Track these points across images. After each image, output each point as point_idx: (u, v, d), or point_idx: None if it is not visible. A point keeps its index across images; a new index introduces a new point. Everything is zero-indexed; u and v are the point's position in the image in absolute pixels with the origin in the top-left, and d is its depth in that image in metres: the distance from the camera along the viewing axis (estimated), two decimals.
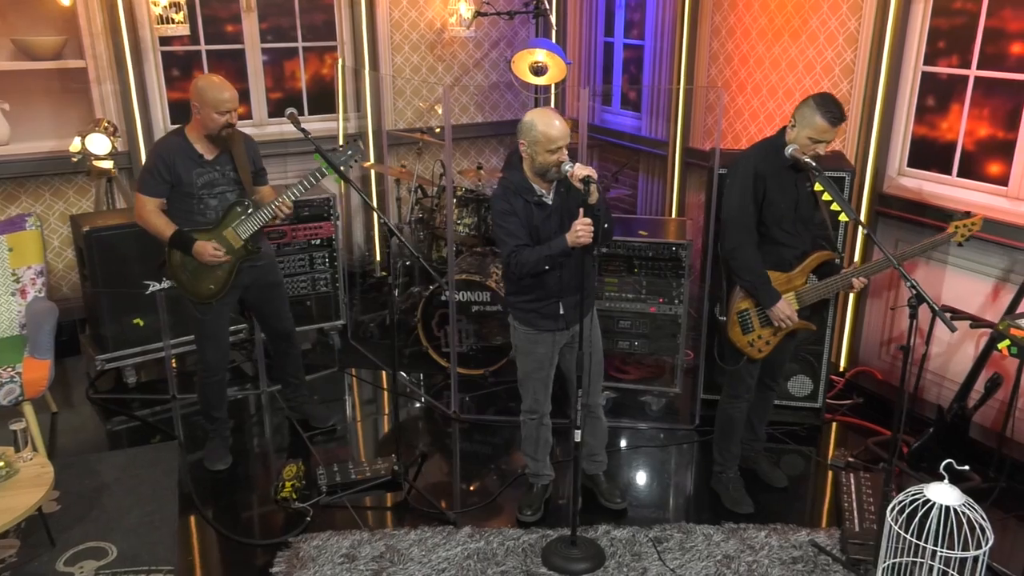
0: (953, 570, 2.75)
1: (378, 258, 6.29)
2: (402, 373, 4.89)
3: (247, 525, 3.60)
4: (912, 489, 2.71)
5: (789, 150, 3.13)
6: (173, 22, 4.91)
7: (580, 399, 3.16)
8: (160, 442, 4.20)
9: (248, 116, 5.78)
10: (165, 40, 5.38)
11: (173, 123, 5.58)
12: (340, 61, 5.94)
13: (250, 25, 5.65)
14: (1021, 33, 3.73)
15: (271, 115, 5.86)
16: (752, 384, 3.54)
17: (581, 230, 2.96)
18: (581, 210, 3.00)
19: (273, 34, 5.76)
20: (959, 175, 4.05)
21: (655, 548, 3.32)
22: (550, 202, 3.20)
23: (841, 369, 4.64)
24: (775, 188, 3.24)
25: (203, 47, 5.55)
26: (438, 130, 5.71)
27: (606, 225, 3.07)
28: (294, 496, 3.66)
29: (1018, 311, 3.59)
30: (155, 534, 3.43)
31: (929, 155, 4.18)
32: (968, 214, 3.37)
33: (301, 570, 3.20)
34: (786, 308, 3.30)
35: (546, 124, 3.07)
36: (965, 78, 3.96)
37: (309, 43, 5.91)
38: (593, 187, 2.94)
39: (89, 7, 5.10)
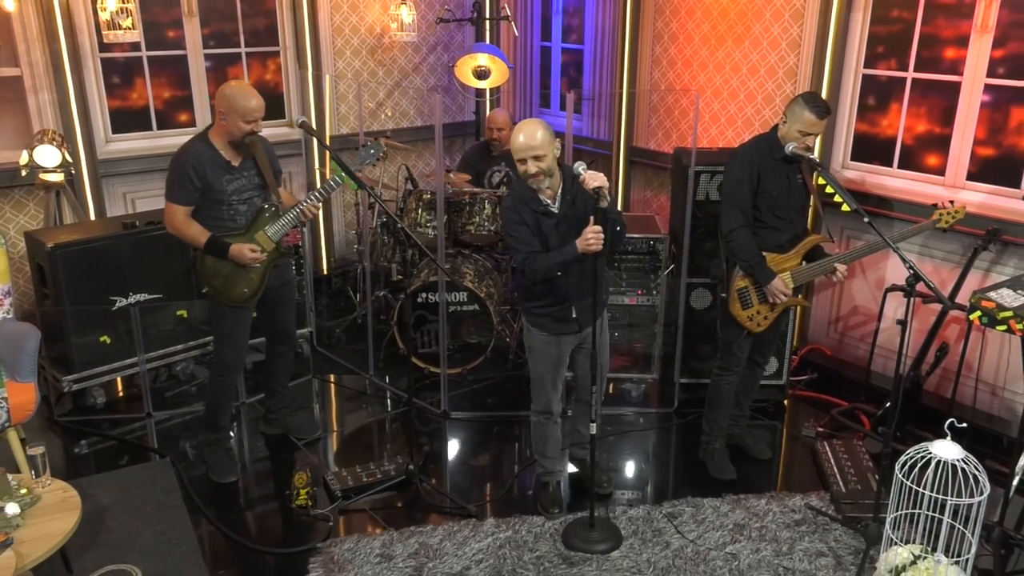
0: (948, 518, 3.09)
1: (324, 262, 6.26)
2: (384, 377, 4.93)
3: (267, 535, 3.57)
4: (917, 446, 3.04)
5: (790, 148, 3.42)
6: (121, 28, 4.73)
7: (594, 395, 3.38)
8: (140, 461, 4.08)
9: (192, 123, 5.62)
10: (105, 46, 5.17)
11: (115, 132, 5.38)
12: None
13: (192, 31, 5.50)
14: (953, 39, 4.19)
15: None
16: (743, 359, 3.83)
17: (592, 237, 3.09)
18: (592, 217, 3.15)
19: (215, 39, 5.63)
20: (900, 167, 4.50)
21: (671, 523, 3.55)
22: (556, 211, 3.31)
23: (793, 347, 5.03)
24: (769, 179, 3.55)
25: (144, 53, 5.36)
26: (389, 135, 5.77)
27: (618, 228, 3.23)
28: (310, 503, 3.67)
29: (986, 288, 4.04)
30: (176, 552, 3.36)
31: (871, 149, 4.61)
32: (952, 203, 3.77)
33: (341, 573, 3.23)
34: (781, 285, 3.59)
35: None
36: (903, 80, 4.40)
37: (252, 48, 5.81)
38: (604, 194, 3.09)
39: (24, 11, 4.84)
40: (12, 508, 2.85)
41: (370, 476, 3.83)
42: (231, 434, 4.03)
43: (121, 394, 4.68)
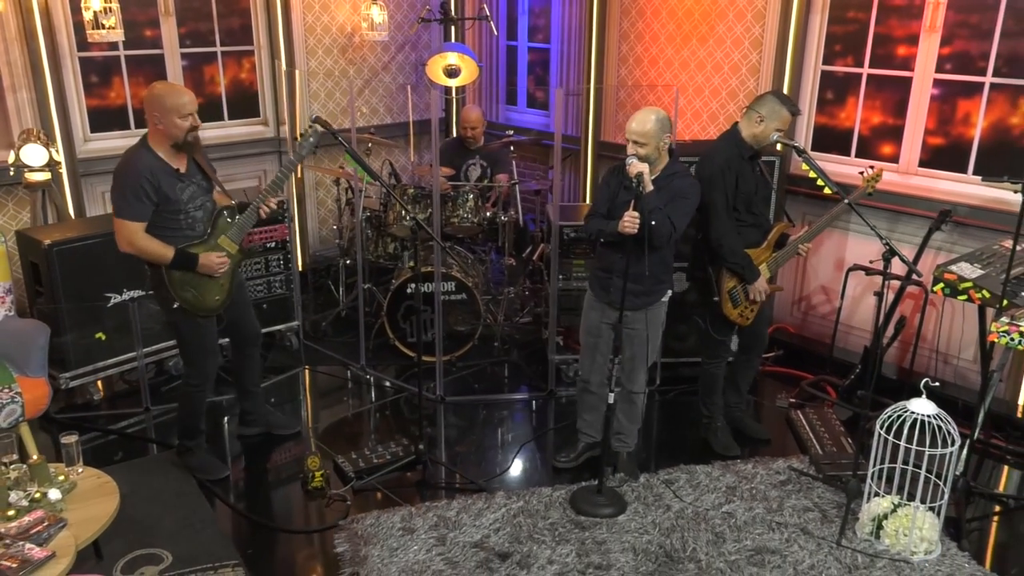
0: (924, 469, 3.42)
1: (300, 259, 6.35)
2: (376, 369, 5.07)
3: (287, 517, 3.70)
4: (896, 405, 3.37)
5: (775, 137, 3.70)
6: (105, 27, 4.76)
7: (616, 366, 3.61)
8: (135, 456, 4.17)
9: None
10: (83, 46, 5.18)
11: (93, 131, 5.38)
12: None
13: (169, 30, 5.54)
14: (905, 38, 4.57)
15: None
16: (729, 346, 4.12)
17: (628, 220, 3.38)
18: (632, 202, 3.43)
19: (192, 39, 5.68)
20: (857, 155, 4.87)
21: (669, 488, 3.81)
22: (635, 189, 3.46)
23: None
24: (743, 178, 3.81)
25: (122, 52, 5.39)
26: (373, 131, 5.91)
27: (653, 223, 3.40)
28: (326, 484, 3.81)
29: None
30: (202, 535, 3.47)
31: (830, 140, 4.97)
32: (872, 168, 4.07)
33: (367, 546, 3.38)
34: (763, 281, 3.88)
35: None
36: (859, 75, 4.77)
37: (227, 47, 5.87)
38: (644, 183, 3.38)
39: (2, 11, 4.83)
40: (54, 494, 2.94)
41: (380, 458, 3.99)
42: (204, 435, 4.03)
43: (102, 392, 4.69)
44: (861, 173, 4.07)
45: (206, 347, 3.78)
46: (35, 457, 3.03)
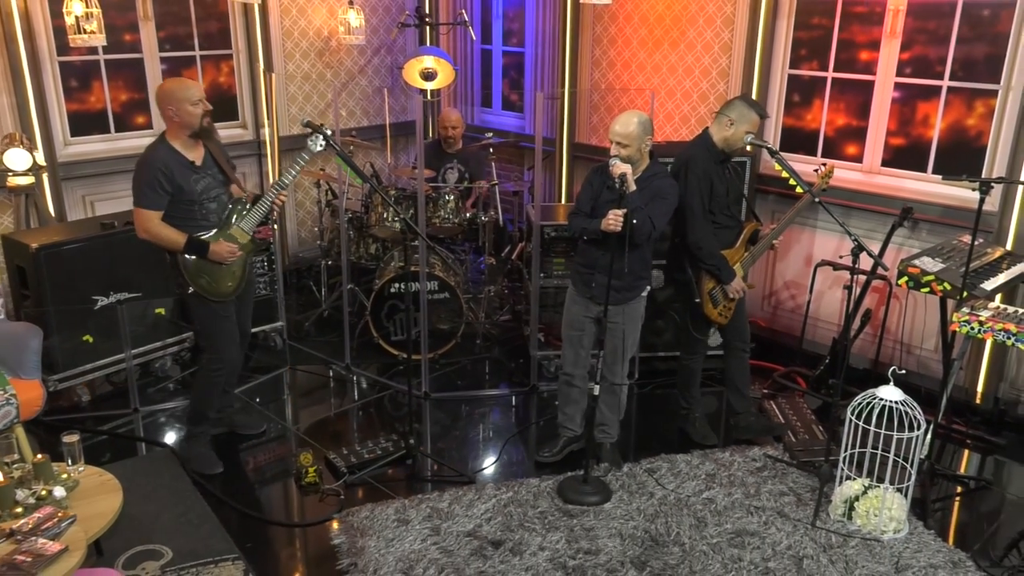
0: (892, 452, 3.62)
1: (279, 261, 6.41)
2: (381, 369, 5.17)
3: (283, 512, 3.80)
4: (865, 392, 3.56)
5: (748, 139, 3.87)
6: (86, 32, 4.79)
7: (600, 369, 3.78)
8: (122, 456, 4.23)
9: (149, 126, 5.69)
10: (63, 50, 5.20)
11: (73, 135, 5.41)
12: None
13: (148, 34, 5.58)
14: (866, 43, 4.79)
15: None
16: (707, 342, 4.29)
17: (612, 218, 3.53)
18: (616, 201, 3.58)
19: (170, 43, 5.71)
20: (823, 155, 5.07)
21: (652, 476, 3.97)
22: (619, 189, 3.60)
23: None
24: (716, 182, 3.97)
25: (101, 56, 5.41)
26: (354, 134, 6.00)
27: (635, 221, 3.56)
28: (319, 480, 3.91)
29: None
30: (200, 530, 3.55)
31: (797, 140, 5.18)
32: (824, 165, 4.25)
33: (364, 538, 3.49)
34: (740, 280, 4.05)
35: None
36: (824, 79, 4.98)
37: (206, 51, 5.92)
38: (628, 183, 3.52)
39: None
40: (59, 491, 2.99)
41: (371, 453, 4.09)
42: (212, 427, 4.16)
43: (86, 396, 4.73)
44: (816, 171, 4.27)
45: (223, 331, 3.94)
46: (39, 456, 3.08)
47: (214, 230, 3.81)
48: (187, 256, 3.74)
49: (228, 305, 3.91)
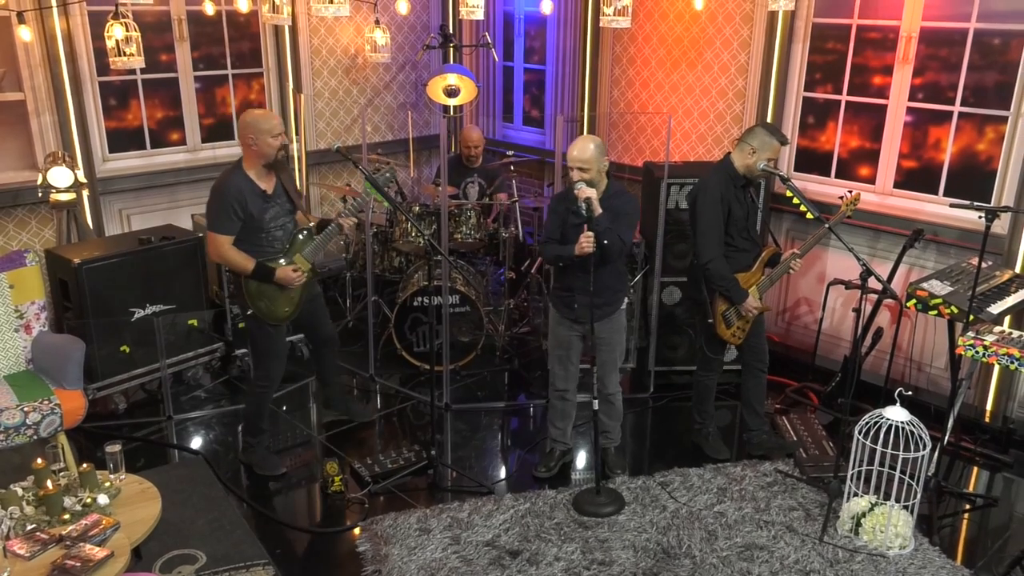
0: (899, 471, 3.73)
1: None
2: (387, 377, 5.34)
3: (310, 519, 3.97)
4: (872, 412, 3.67)
5: (761, 165, 4.00)
6: (126, 55, 5.00)
7: (596, 384, 3.94)
8: (157, 462, 4.42)
9: (183, 142, 5.91)
10: (103, 70, 5.43)
11: (111, 152, 5.63)
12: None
13: (183, 54, 5.79)
14: (880, 68, 4.90)
15: (204, 140, 6.03)
16: (722, 359, 4.42)
17: (584, 242, 3.71)
18: (586, 224, 3.74)
19: (204, 62, 5.93)
20: (836, 176, 5.19)
21: (665, 490, 4.11)
22: (584, 214, 3.79)
23: None
24: (735, 206, 4.09)
25: (139, 76, 5.63)
26: (380, 151, 6.18)
27: (605, 242, 3.73)
28: (344, 488, 4.08)
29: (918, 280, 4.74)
30: (232, 536, 3.73)
31: (811, 161, 5.29)
32: (851, 192, 4.35)
33: (388, 546, 3.66)
34: (753, 301, 4.17)
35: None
36: (838, 102, 5.09)
37: (238, 70, 6.13)
38: (593, 207, 3.71)
39: (30, 42, 5.06)
40: (103, 499, 3.19)
41: (394, 463, 4.26)
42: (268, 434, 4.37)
43: (123, 404, 4.93)
44: (841, 198, 4.38)
45: (273, 352, 4.17)
46: (84, 465, 3.28)
47: (280, 257, 4.02)
48: (250, 280, 3.94)
49: (281, 328, 4.14)
